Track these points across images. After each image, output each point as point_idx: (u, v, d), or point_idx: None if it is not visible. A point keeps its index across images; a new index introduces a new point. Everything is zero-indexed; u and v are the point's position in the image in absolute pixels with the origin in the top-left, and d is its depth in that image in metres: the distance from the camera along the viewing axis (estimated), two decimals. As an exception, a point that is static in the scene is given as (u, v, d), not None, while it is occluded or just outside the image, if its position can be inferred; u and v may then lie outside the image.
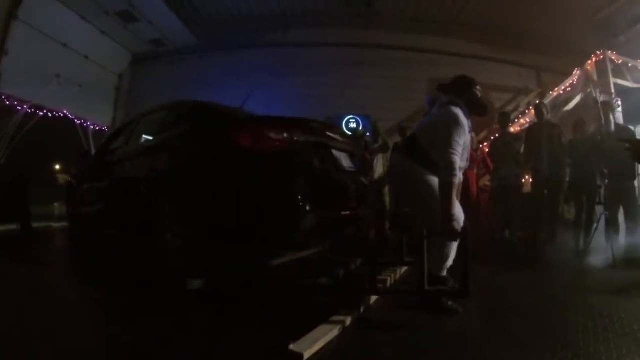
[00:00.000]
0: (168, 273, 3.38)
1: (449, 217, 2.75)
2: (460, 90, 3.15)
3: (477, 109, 3.11)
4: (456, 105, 3.00)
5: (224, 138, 3.37)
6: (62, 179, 9.51)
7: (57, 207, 9.69)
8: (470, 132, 3.06)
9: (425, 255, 2.78)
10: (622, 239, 5.35)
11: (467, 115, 3.03)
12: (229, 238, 3.26)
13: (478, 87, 3.19)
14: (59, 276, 4.11)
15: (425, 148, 3.01)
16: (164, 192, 3.61)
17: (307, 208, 3.14)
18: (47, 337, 2.29)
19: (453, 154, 2.82)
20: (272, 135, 3.22)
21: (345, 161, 3.97)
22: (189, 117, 4.03)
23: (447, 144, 2.85)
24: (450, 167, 2.80)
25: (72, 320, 2.67)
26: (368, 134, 8.18)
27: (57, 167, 11.79)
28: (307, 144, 3.48)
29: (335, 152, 3.82)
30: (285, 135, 3.28)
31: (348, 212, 3.69)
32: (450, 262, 3.04)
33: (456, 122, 2.89)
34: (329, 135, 3.83)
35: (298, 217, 3.12)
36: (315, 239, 3.78)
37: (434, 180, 2.92)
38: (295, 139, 3.35)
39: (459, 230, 2.75)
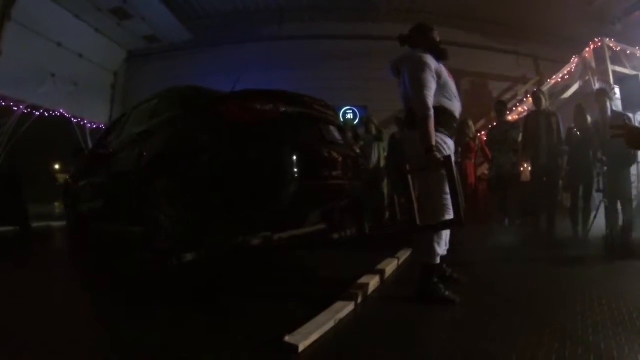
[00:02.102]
0: (161, 255, 3.40)
1: (430, 147, 2.74)
2: (418, 38, 3.20)
3: (435, 54, 3.07)
4: (416, 51, 3.05)
5: (211, 113, 3.46)
6: (62, 178, 9.51)
7: (57, 207, 9.71)
8: (439, 63, 3.04)
9: (412, 190, 2.81)
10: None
11: (432, 55, 3.03)
12: (220, 211, 3.31)
13: (435, 32, 3.22)
14: (53, 278, 4.09)
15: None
16: (156, 175, 3.65)
17: (294, 175, 3.18)
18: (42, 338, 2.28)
19: (422, 90, 2.83)
20: (258, 106, 3.29)
21: (332, 134, 3.99)
22: (178, 101, 4.08)
23: (415, 84, 2.88)
24: (421, 102, 2.81)
25: (68, 319, 2.66)
26: (361, 125, 8.16)
27: (56, 166, 11.79)
28: (294, 114, 3.52)
29: (322, 124, 3.87)
30: (270, 106, 3.34)
31: (336, 182, 3.71)
32: (442, 249, 3.01)
33: (419, 63, 2.92)
34: (316, 108, 3.87)
35: (285, 184, 3.18)
36: (308, 211, 3.81)
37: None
38: (282, 110, 3.41)
39: (441, 159, 2.74)
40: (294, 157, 3.21)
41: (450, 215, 2.92)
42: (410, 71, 2.96)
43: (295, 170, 3.18)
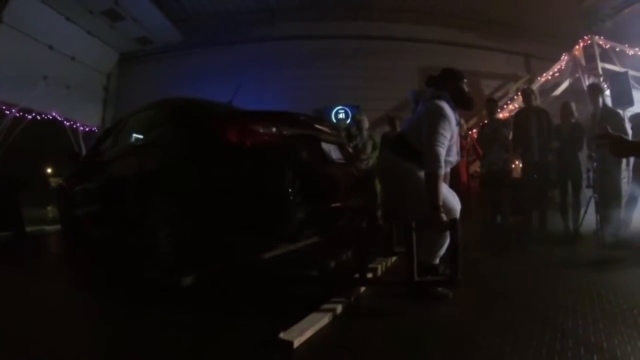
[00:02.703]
0: (160, 271, 3.38)
1: (436, 207, 2.75)
2: (446, 83, 3.15)
3: (461, 102, 3.11)
4: (440, 98, 3.01)
5: (211, 134, 3.38)
6: (55, 182, 9.47)
7: (50, 211, 9.65)
8: (457, 124, 3.07)
9: (414, 246, 2.78)
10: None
11: (454, 108, 3.03)
12: (220, 233, 3.28)
13: (465, 81, 3.19)
14: (52, 280, 4.08)
15: (414, 145, 3.00)
16: (155, 191, 3.60)
17: (297, 200, 3.15)
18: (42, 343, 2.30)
19: (438, 145, 2.83)
20: (259, 129, 3.23)
21: (334, 153, 3.97)
22: (176, 115, 4.02)
23: (431, 136, 2.86)
24: (435, 158, 2.80)
25: (64, 324, 2.67)
26: (353, 125, 8.14)
27: (49, 170, 11.74)
28: (295, 137, 3.48)
29: (323, 144, 3.83)
30: (272, 129, 3.30)
31: (338, 204, 3.69)
32: (443, 250, 3.05)
33: (440, 115, 2.90)
34: (316, 128, 3.84)
35: (287, 210, 3.13)
36: (308, 232, 3.78)
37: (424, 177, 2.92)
38: (283, 132, 3.36)
39: (447, 220, 2.75)
40: (295, 181, 3.18)
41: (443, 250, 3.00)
42: (430, 118, 2.94)
43: (296, 194, 3.16)
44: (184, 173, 3.44)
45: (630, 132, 5.62)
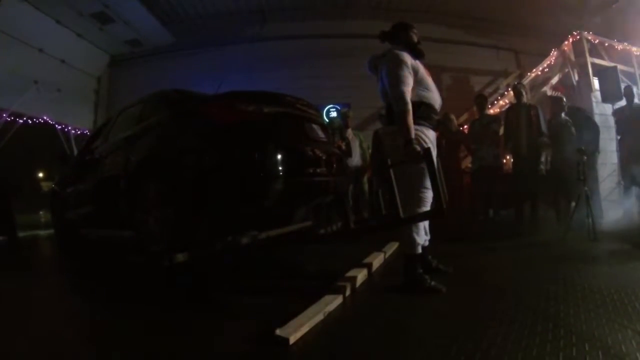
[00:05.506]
0: (152, 258, 3.44)
1: (409, 140, 2.81)
2: (397, 35, 3.30)
3: (413, 53, 3.16)
4: (393, 49, 3.12)
5: (195, 115, 3.51)
6: (46, 186, 9.43)
7: (43, 215, 9.61)
8: (415, 60, 3.13)
9: (394, 184, 2.86)
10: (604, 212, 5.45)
11: (409, 53, 3.12)
12: (209, 211, 3.34)
13: (414, 31, 3.31)
14: (46, 284, 4.08)
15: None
16: (144, 179, 3.66)
17: (279, 173, 3.22)
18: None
19: (399, 85, 2.92)
20: (242, 107, 3.33)
21: (316, 132, 4.04)
22: (164, 104, 4.10)
23: (392, 80, 2.96)
24: (399, 97, 2.89)
25: (65, 323, 2.68)
26: (341, 119, 8.16)
27: (40, 175, 11.67)
28: (277, 114, 3.56)
29: (306, 123, 3.91)
30: (253, 106, 3.39)
31: (320, 179, 3.76)
32: (421, 239, 3.07)
33: (396, 60, 3.00)
34: (299, 107, 3.91)
35: (270, 183, 3.20)
36: (297, 210, 3.84)
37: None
38: (265, 110, 3.44)
39: (420, 150, 2.80)
40: (278, 156, 3.24)
41: (427, 208, 3.00)
42: (387, 68, 3.03)
43: (280, 168, 3.22)
44: (173, 156, 3.51)
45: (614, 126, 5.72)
